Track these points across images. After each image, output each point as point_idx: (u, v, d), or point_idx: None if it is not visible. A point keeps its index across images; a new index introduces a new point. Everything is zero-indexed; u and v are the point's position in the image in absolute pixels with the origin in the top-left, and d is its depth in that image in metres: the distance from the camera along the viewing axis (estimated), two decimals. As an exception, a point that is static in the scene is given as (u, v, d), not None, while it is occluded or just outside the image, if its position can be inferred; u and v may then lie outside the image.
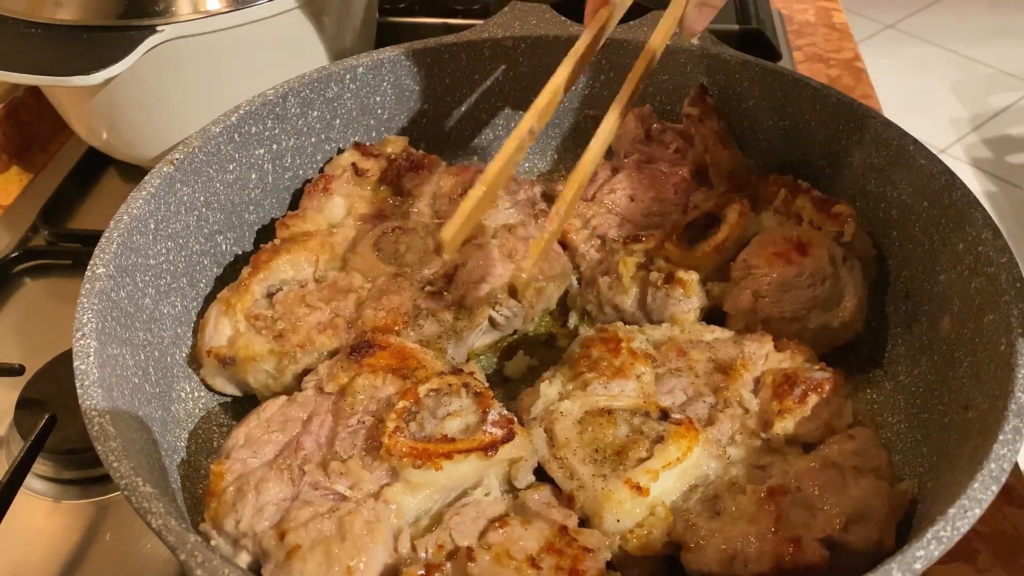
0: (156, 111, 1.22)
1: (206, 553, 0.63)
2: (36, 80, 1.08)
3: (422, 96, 1.23)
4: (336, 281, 1.01)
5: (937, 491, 0.79)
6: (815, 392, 0.86)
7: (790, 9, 1.84)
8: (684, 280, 0.99)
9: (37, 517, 0.95)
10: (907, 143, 1.01)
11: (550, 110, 0.89)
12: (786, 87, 1.13)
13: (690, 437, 0.83)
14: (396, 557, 0.74)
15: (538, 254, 0.82)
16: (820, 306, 0.97)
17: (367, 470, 0.79)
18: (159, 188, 0.96)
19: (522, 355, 1.05)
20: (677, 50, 1.20)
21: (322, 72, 1.13)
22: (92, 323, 0.81)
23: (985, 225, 0.89)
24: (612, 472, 0.81)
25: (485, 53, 1.22)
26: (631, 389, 0.88)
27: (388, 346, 0.90)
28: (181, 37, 1.12)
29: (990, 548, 0.90)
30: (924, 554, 0.63)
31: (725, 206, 1.03)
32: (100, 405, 0.74)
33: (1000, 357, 0.79)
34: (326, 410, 0.85)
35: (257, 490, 0.78)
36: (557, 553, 0.73)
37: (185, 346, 1.00)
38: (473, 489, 0.81)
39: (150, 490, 0.67)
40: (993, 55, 4.34)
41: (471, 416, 0.83)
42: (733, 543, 0.75)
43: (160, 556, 0.90)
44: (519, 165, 1.31)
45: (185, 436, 0.94)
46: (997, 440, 0.71)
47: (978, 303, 0.86)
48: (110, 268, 0.86)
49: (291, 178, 1.15)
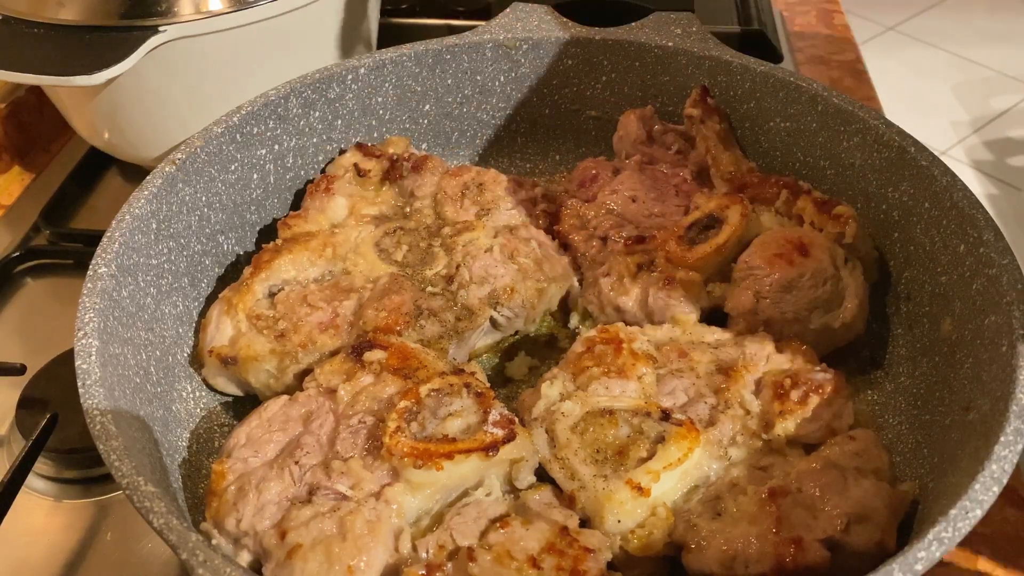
0: (158, 111, 1.23)
1: (207, 552, 0.64)
2: (38, 80, 1.08)
3: (424, 97, 1.23)
4: (338, 281, 1.01)
5: (938, 492, 0.79)
6: (816, 393, 0.86)
7: (791, 11, 1.84)
8: (685, 281, 0.99)
9: (38, 516, 0.95)
10: (908, 145, 1.01)
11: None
12: (787, 89, 1.13)
13: (691, 438, 0.83)
14: (397, 557, 0.74)
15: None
16: (821, 307, 0.97)
17: (368, 470, 0.79)
18: (161, 188, 0.96)
19: (523, 355, 1.05)
20: (679, 51, 1.20)
21: (324, 72, 1.13)
22: (94, 322, 0.81)
23: (986, 226, 0.89)
24: (613, 473, 0.81)
25: (487, 54, 1.23)
26: (632, 390, 0.88)
27: (389, 346, 0.90)
28: (183, 37, 1.12)
29: (991, 549, 0.90)
30: (925, 555, 0.63)
31: (726, 207, 1.03)
32: (102, 404, 0.74)
33: (1001, 358, 0.79)
34: (327, 410, 0.85)
35: (258, 489, 0.78)
36: (558, 553, 0.73)
37: (187, 346, 1.00)
38: (474, 489, 0.81)
39: (152, 489, 0.67)
40: (994, 57, 4.34)
41: (472, 416, 0.83)
42: (734, 544, 0.75)
43: (161, 555, 0.90)
44: (521, 166, 1.32)
45: (186, 436, 0.94)
46: (998, 441, 0.71)
47: (979, 304, 0.86)
48: (112, 268, 0.87)
49: (293, 178, 1.15)
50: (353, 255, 1.04)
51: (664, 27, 1.22)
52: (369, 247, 1.04)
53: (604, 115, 1.28)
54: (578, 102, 1.28)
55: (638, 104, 1.25)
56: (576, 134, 1.30)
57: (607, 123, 1.28)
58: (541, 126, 1.30)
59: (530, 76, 1.25)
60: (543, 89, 1.26)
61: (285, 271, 1.01)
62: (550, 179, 1.31)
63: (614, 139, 1.24)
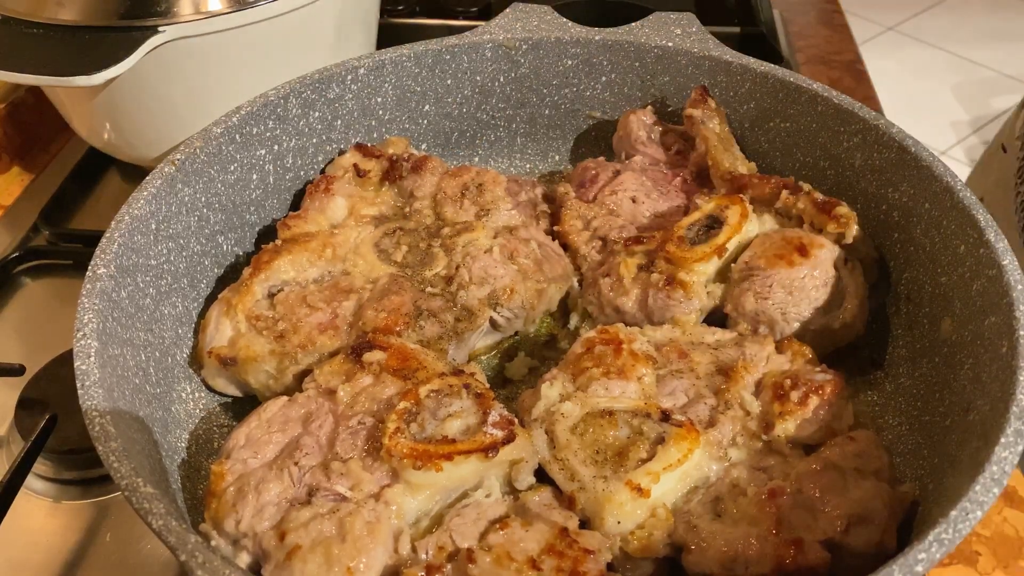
0: (157, 112, 1.22)
1: (206, 553, 0.63)
2: (38, 80, 1.08)
3: (423, 97, 1.23)
4: (337, 282, 1.00)
5: (938, 493, 0.79)
6: (816, 394, 0.86)
7: (791, 11, 1.84)
8: (685, 282, 0.99)
9: (37, 517, 0.95)
10: (908, 145, 1.01)
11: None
12: (787, 89, 1.13)
13: (691, 439, 0.83)
14: (396, 558, 0.74)
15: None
16: (821, 308, 0.97)
17: (368, 471, 0.79)
18: (160, 188, 0.96)
19: (523, 356, 1.05)
20: (679, 52, 1.20)
21: (323, 73, 1.13)
22: (93, 323, 0.81)
23: (987, 227, 0.89)
24: (613, 474, 0.81)
25: (487, 54, 1.22)
26: (632, 390, 0.88)
27: (389, 347, 0.90)
28: (183, 38, 1.12)
29: (991, 550, 0.90)
30: (925, 556, 0.63)
31: (726, 207, 1.03)
32: (101, 405, 0.74)
33: (1001, 359, 0.79)
34: (327, 411, 0.85)
35: (257, 490, 0.78)
36: (558, 555, 0.73)
37: (186, 347, 1.00)
38: (474, 490, 0.81)
39: (151, 490, 0.67)
40: (994, 57, 4.34)
41: (472, 417, 0.83)
42: (734, 545, 0.75)
43: (160, 556, 0.90)
44: (521, 166, 1.32)
45: (186, 437, 0.94)
46: (998, 443, 0.71)
47: (979, 305, 0.86)
48: (111, 268, 0.87)
49: (292, 179, 1.15)
50: (353, 256, 1.04)
51: (664, 27, 1.22)
52: (369, 248, 1.04)
53: (604, 115, 1.28)
54: (578, 102, 1.28)
55: (638, 104, 1.25)
56: (576, 134, 1.31)
57: (607, 123, 1.28)
58: (541, 126, 1.30)
59: (530, 76, 1.25)
60: (543, 89, 1.26)
61: (284, 272, 1.01)
62: (550, 179, 1.31)
63: (614, 139, 1.24)
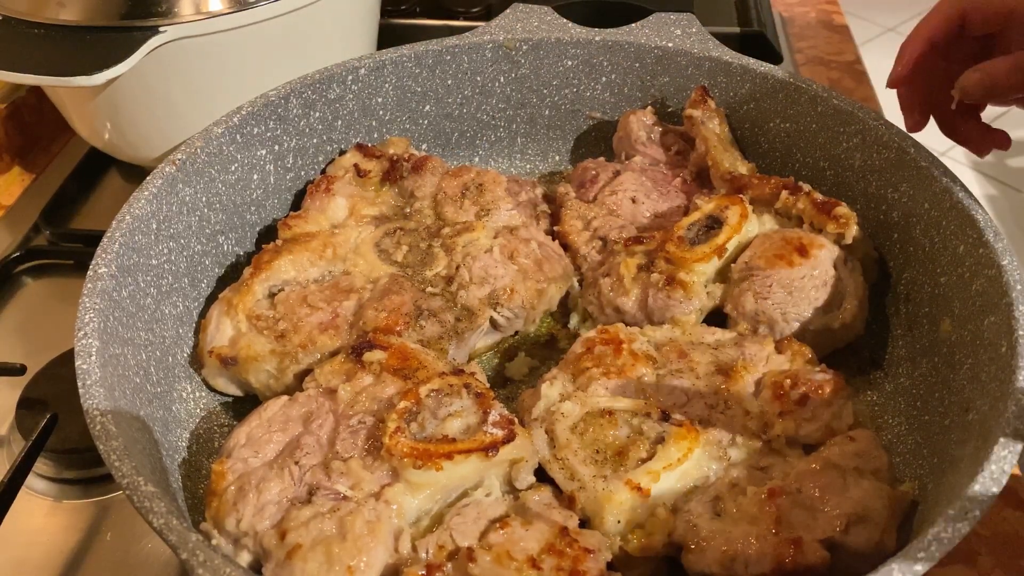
0: (158, 112, 1.23)
1: (207, 552, 0.64)
2: (38, 80, 1.09)
3: (424, 97, 1.23)
4: (338, 282, 1.01)
5: (938, 493, 0.79)
6: (816, 394, 0.86)
7: (791, 12, 1.85)
8: (685, 282, 0.99)
9: (38, 517, 0.95)
10: (908, 145, 1.01)
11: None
12: (787, 90, 1.13)
13: (691, 438, 0.83)
14: (397, 557, 0.74)
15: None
16: (821, 308, 0.97)
17: (368, 470, 0.79)
18: (161, 188, 0.96)
19: (523, 356, 1.05)
20: (679, 52, 1.20)
21: (324, 73, 1.13)
22: (94, 323, 0.81)
23: (986, 227, 0.89)
24: (613, 473, 0.81)
25: (487, 55, 1.23)
26: (632, 390, 0.88)
27: (389, 346, 0.90)
28: (184, 38, 1.12)
29: (990, 550, 0.90)
30: (925, 555, 0.63)
31: (726, 208, 1.03)
32: (102, 405, 0.74)
33: (1001, 359, 0.79)
34: (327, 410, 0.85)
35: (258, 489, 0.78)
36: (558, 554, 0.73)
37: (187, 346, 1.00)
38: (474, 490, 0.81)
39: (152, 489, 0.68)
40: (994, 58, 4.33)
41: (472, 417, 0.83)
42: (734, 544, 0.75)
43: (161, 556, 0.90)
44: (521, 166, 1.32)
45: (186, 436, 0.94)
46: (997, 442, 0.71)
47: (979, 305, 0.86)
48: (112, 268, 0.87)
49: (293, 179, 1.16)
50: (353, 255, 1.04)
51: (664, 28, 1.23)
52: (369, 247, 1.04)
53: (604, 116, 1.28)
54: (578, 102, 1.28)
55: (638, 105, 1.25)
56: (576, 134, 1.31)
57: (607, 123, 1.28)
58: (541, 126, 1.30)
59: (530, 77, 1.25)
60: (543, 89, 1.27)
61: (285, 271, 1.01)
62: (550, 179, 1.31)
63: (614, 140, 1.24)
